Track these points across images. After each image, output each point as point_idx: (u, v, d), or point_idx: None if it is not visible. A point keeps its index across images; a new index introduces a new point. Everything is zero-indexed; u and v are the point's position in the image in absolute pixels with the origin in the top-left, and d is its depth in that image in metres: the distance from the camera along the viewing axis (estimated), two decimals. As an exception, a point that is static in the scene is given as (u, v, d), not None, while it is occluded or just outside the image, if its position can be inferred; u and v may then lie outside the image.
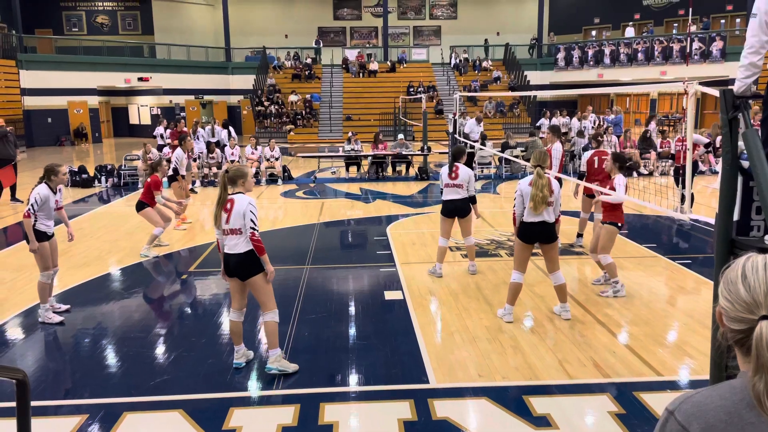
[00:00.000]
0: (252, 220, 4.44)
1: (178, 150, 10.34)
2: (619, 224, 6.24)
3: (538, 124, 19.73)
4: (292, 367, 4.70)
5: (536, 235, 5.55)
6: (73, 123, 27.35)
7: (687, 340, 5.23)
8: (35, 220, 5.71)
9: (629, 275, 7.03)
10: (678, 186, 10.64)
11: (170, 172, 9.99)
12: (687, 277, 7.06)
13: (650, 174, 14.98)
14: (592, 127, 17.25)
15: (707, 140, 10.26)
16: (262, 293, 4.63)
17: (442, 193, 7.07)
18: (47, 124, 26.38)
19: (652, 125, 16.61)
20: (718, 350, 2.94)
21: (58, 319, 5.89)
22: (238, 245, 4.50)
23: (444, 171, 7.07)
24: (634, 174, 14.93)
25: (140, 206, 8.39)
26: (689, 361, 4.83)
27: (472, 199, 7.08)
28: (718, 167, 13.15)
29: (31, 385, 2.22)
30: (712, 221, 3.22)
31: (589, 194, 7.67)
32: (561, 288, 5.69)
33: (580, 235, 8.63)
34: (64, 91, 26.59)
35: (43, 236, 5.79)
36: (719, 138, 10.55)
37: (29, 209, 5.67)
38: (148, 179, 8.52)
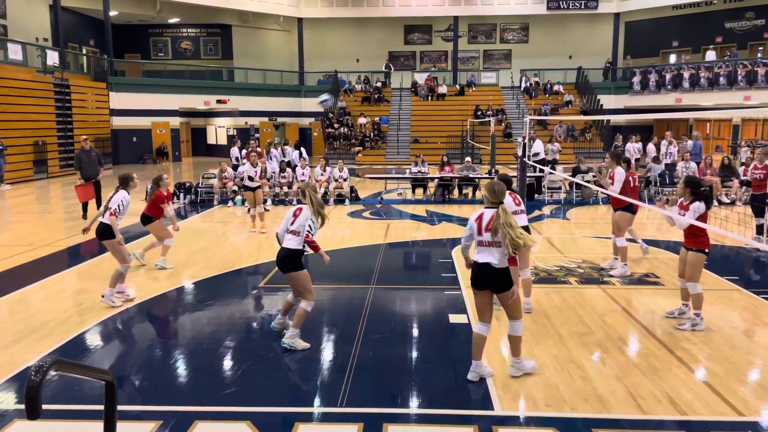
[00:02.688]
0: (309, 227, 5.62)
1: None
2: (706, 250, 6.00)
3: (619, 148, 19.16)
4: (302, 345, 5.57)
5: (485, 280, 4.83)
6: (155, 142, 28.88)
7: (772, 379, 4.91)
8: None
9: (709, 309, 6.68)
10: (755, 216, 10.07)
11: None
12: (773, 312, 6.64)
13: (732, 203, 14.26)
14: (666, 154, 16.64)
15: None
16: (301, 285, 5.63)
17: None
18: (132, 142, 27.97)
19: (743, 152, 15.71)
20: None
21: (118, 303, 6.87)
22: (290, 242, 5.62)
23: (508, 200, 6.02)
24: (715, 202, 14.25)
25: (146, 220, 8.58)
26: (775, 402, 4.53)
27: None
28: None
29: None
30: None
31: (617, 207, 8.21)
32: (515, 340, 4.95)
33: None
34: (148, 112, 28.17)
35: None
36: None
37: (116, 209, 7.03)
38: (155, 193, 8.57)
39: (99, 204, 13.11)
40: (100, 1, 27.50)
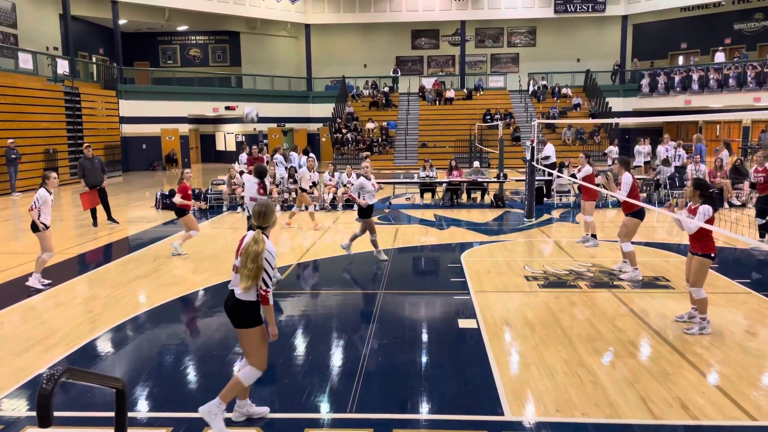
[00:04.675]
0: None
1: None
2: (712, 255, 5.94)
3: (606, 151, 19.11)
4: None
5: (225, 308, 4.20)
6: (165, 149, 29.07)
7: (786, 384, 4.86)
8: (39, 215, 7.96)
9: (720, 312, 6.63)
10: (756, 218, 9.99)
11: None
12: (785, 316, 6.58)
13: (743, 205, 14.15)
14: (671, 156, 16.57)
15: None
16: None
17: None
18: (141, 150, 28.17)
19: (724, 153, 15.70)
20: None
21: (39, 286, 7.89)
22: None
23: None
24: (726, 205, 14.15)
25: (181, 212, 9.75)
26: (788, 407, 4.48)
27: None
28: None
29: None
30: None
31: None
32: (233, 385, 4.18)
33: (594, 236, 10.16)
34: (157, 120, 28.38)
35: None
36: None
37: (33, 205, 8.05)
38: (180, 186, 9.79)
39: (107, 210, 13.21)
40: (109, 10, 27.76)
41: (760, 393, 4.71)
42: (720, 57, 29.14)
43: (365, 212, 9.28)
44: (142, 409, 4.64)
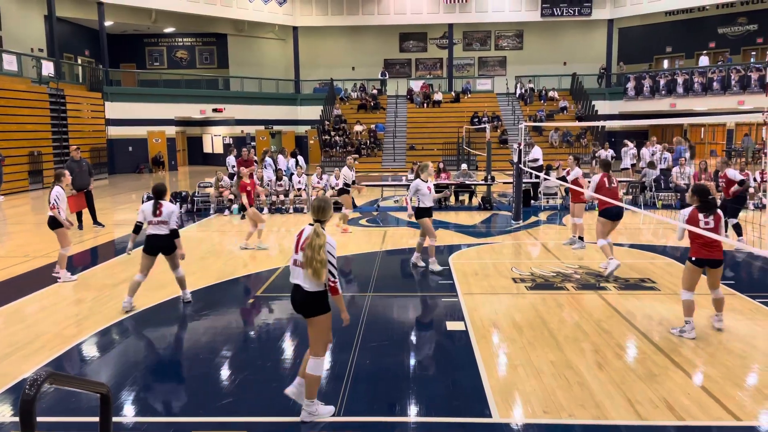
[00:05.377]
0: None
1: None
2: (692, 258, 5.99)
3: (597, 153, 19.24)
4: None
5: (293, 302, 4.45)
6: (151, 151, 28.87)
7: (769, 384, 4.92)
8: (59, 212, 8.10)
9: (706, 313, 6.70)
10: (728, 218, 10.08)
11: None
12: (767, 316, 6.66)
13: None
14: (656, 158, 16.75)
15: (742, 177, 9.83)
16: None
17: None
18: (128, 152, 27.94)
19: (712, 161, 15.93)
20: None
21: (71, 278, 8.41)
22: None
23: None
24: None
25: (244, 208, 10.63)
26: (772, 406, 4.53)
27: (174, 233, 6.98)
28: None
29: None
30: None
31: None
32: (310, 380, 4.38)
33: (581, 238, 10.19)
34: (144, 122, 28.18)
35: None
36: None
37: (54, 203, 8.18)
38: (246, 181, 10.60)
39: (93, 214, 13.09)
40: (95, 12, 27.55)
41: (744, 393, 4.76)
42: (704, 61, 29.48)
43: (423, 212, 8.91)
44: (128, 414, 4.60)
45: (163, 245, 7.04)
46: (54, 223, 8.36)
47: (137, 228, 7.13)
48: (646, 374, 5.11)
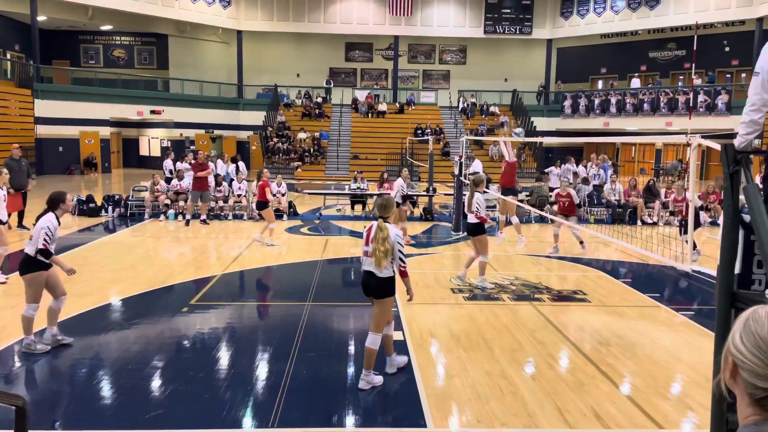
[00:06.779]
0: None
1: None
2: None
3: (546, 171, 19.82)
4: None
5: (365, 287, 5.27)
6: (83, 152, 27.69)
7: (689, 393, 5.16)
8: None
9: (633, 325, 6.98)
10: (681, 235, 10.63)
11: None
12: (690, 328, 6.99)
13: (654, 224, 14.99)
14: (590, 175, 17.46)
15: (701, 203, 10.38)
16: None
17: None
18: (58, 152, 26.71)
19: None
20: (719, 404, 2.92)
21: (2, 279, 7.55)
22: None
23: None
24: (639, 222, 14.96)
25: (262, 206, 11.07)
26: (691, 414, 4.76)
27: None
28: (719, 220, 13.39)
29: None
30: (714, 273, 3.24)
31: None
32: (369, 353, 5.12)
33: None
34: (77, 121, 27.01)
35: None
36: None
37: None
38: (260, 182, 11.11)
39: (21, 217, 12.45)
40: (27, 5, 26.31)
41: (668, 403, 4.98)
42: (636, 83, 30.94)
43: (481, 228, 8.42)
44: (48, 427, 4.36)
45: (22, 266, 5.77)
46: None
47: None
48: (576, 384, 5.27)
